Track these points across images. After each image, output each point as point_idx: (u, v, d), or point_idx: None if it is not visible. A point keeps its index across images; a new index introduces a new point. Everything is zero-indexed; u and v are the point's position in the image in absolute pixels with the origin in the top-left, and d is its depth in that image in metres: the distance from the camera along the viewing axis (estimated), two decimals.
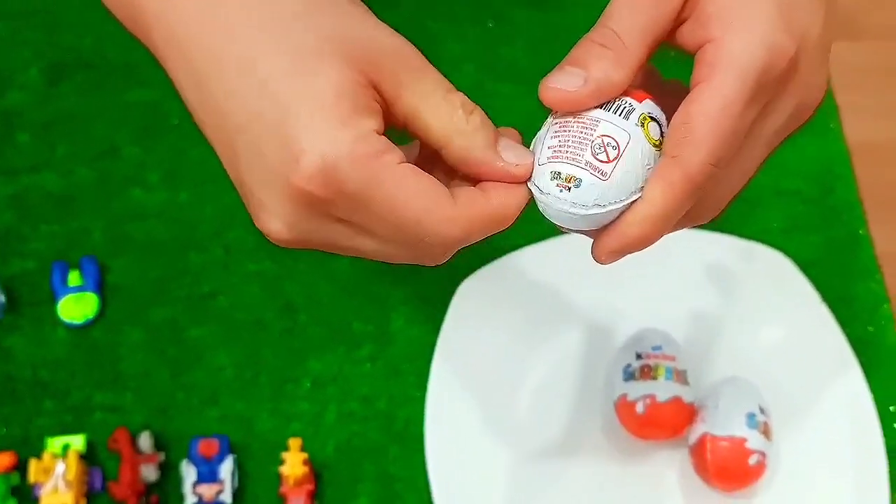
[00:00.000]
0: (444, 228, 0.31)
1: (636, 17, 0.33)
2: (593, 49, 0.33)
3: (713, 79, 0.32)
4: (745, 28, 0.32)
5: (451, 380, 0.56)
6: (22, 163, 0.63)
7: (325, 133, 0.30)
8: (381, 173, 0.30)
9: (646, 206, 0.33)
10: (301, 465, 0.53)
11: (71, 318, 0.58)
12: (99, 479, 0.54)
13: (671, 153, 0.33)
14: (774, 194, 0.63)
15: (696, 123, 0.32)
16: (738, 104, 0.32)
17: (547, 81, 0.33)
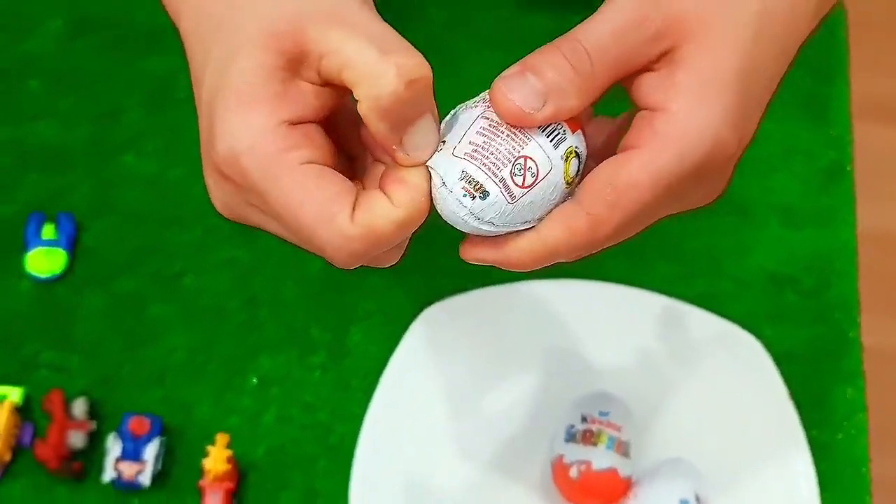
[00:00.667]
0: (339, 244, 0.30)
1: (615, 45, 0.31)
2: (562, 67, 0.31)
3: (653, 151, 0.31)
4: (703, 114, 0.31)
5: (393, 406, 0.55)
6: (27, 110, 0.63)
7: (234, 123, 0.30)
8: (278, 170, 0.30)
9: (538, 243, 0.32)
10: (224, 461, 0.52)
11: (37, 271, 0.58)
12: (29, 434, 0.54)
13: (587, 208, 0.31)
14: (768, 278, 0.61)
15: (622, 191, 0.31)
16: (667, 185, 0.31)
17: (504, 87, 0.30)
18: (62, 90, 0.64)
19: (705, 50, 0.31)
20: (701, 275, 0.61)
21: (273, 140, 0.30)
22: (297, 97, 0.31)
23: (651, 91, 0.32)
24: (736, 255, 0.62)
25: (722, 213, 0.63)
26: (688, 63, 0.31)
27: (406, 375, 0.55)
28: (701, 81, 0.31)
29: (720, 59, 0.31)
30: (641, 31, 0.31)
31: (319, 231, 0.30)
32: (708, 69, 0.31)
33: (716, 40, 0.31)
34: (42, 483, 0.54)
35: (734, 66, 0.31)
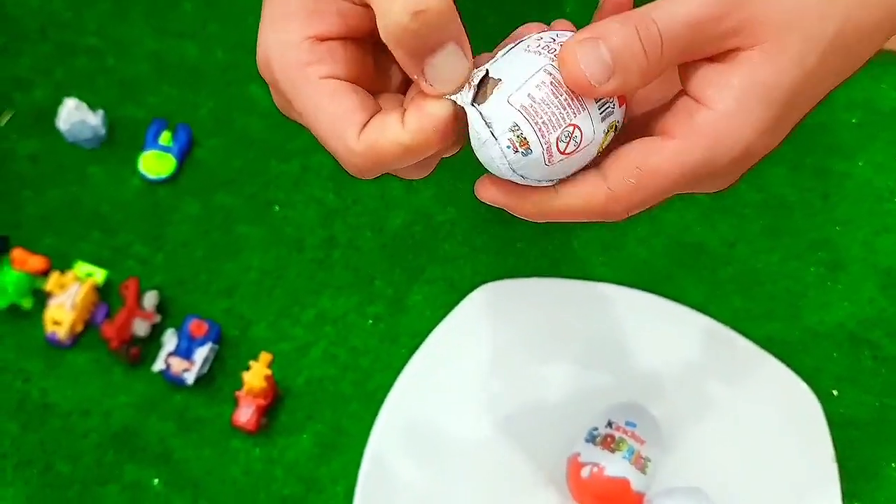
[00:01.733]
0: (345, 157, 0.31)
1: (689, 36, 0.30)
2: (634, 47, 0.30)
3: (686, 144, 0.31)
4: (744, 123, 0.31)
5: (430, 369, 0.56)
6: (176, 28, 0.68)
7: (267, 34, 0.32)
8: (300, 82, 0.31)
9: (554, 202, 0.32)
10: (262, 378, 0.55)
11: (148, 171, 0.63)
12: (102, 314, 0.59)
13: (610, 183, 0.32)
14: (847, 337, 0.58)
15: (647, 176, 0.31)
16: (690, 177, 0.31)
17: (577, 51, 0.30)
18: (211, 16, 0.69)
19: (770, 60, 0.31)
20: (776, 318, 0.59)
21: (297, 54, 0.31)
22: (328, 15, 0.32)
23: (703, 83, 0.31)
24: (818, 307, 0.59)
25: (815, 262, 0.60)
26: (749, 69, 0.31)
27: (450, 343, 0.56)
28: (754, 91, 0.31)
29: (780, 73, 0.31)
30: (718, 27, 0.30)
31: (330, 142, 0.31)
32: (764, 81, 0.31)
33: (783, 53, 0.31)
34: (103, 359, 0.58)
35: (791, 83, 0.31)
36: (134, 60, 0.67)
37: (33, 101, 0.66)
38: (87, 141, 0.64)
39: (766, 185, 0.62)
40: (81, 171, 0.64)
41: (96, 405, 0.57)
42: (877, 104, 0.64)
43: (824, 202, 0.62)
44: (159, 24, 0.68)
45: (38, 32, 0.68)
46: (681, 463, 0.53)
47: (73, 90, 0.65)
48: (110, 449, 0.56)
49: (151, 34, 0.68)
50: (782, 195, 0.62)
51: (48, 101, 0.65)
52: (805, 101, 0.32)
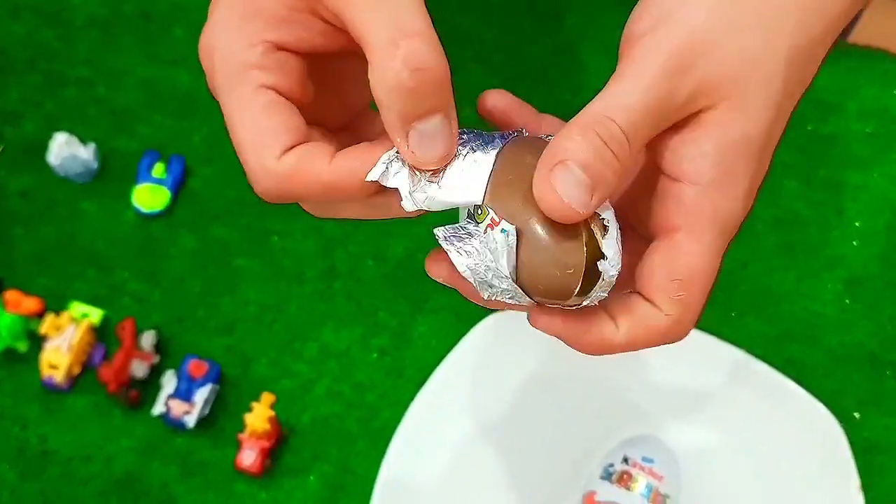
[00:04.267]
0: (257, 174, 0.30)
1: (647, 122, 0.29)
2: (604, 154, 0.28)
3: (700, 233, 0.30)
4: (735, 186, 0.30)
5: (438, 404, 0.54)
6: (167, 54, 0.67)
7: (224, 19, 0.30)
8: (237, 83, 0.29)
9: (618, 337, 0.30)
10: (265, 420, 0.53)
11: (141, 204, 0.61)
12: (100, 355, 0.57)
13: (665, 309, 0.30)
14: (868, 358, 0.56)
15: (688, 282, 0.30)
16: (720, 254, 0.30)
17: (552, 179, 0.28)
18: None
19: (736, 113, 0.29)
20: (794, 340, 0.57)
21: (246, 53, 0.29)
22: (296, 25, 0.30)
23: (676, 158, 0.30)
24: (837, 327, 0.57)
25: (832, 280, 0.58)
26: (715, 130, 0.29)
27: (458, 377, 0.55)
28: (727, 150, 0.29)
29: (749, 122, 0.29)
30: (674, 100, 0.29)
31: (246, 154, 0.30)
32: (735, 138, 0.29)
33: (747, 101, 0.29)
34: (101, 403, 0.57)
35: (762, 126, 0.30)
36: (125, 90, 0.65)
37: (24, 134, 0.64)
38: (78, 175, 0.62)
39: (779, 200, 0.60)
40: (74, 207, 0.62)
41: (97, 450, 0.56)
42: (892, 112, 0.62)
43: (839, 217, 0.60)
44: (151, 51, 0.67)
45: (27, 63, 0.66)
46: (700, 498, 0.51)
47: (63, 122, 0.64)
48: (112, 496, 0.55)
49: (143, 62, 0.66)
50: (795, 210, 0.60)
51: (38, 134, 0.63)
52: (781, 126, 0.31)
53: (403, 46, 0.28)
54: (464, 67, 0.63)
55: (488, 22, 0.65)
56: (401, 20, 0.28)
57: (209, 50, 0.30)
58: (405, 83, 0.28)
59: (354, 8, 0.28)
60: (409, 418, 0.54)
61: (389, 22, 0.28)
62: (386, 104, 0.28)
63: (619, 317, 0.30)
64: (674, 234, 0.30)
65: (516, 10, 0.66)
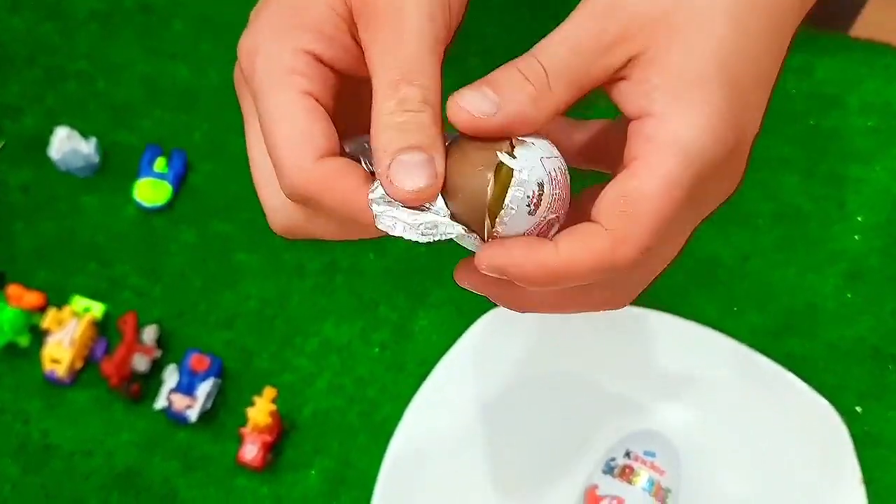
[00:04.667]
0: (289, 171, 0.30)
1: (571, 59, 0.30)
2: (515, 78, 0.30)
3: (654, 157, 0.30)
4: (691, 112, 0.30)
5: (440, 399, 0.54)
6: (168, 48, 0.67)
7: (269, 26, 0.31)
8: (279, 87, 0.30)
9: (553, 257, 0.30)
10: (266, 414, 0.53)
11: (143, 199, 0.61)
12: (102, 349, 0.57)
13: (605, 223, 0.30)
14: (871, 352, 0.56)
15: (637, 203, 0.30)
16: (679, 189, 0.30)
17: (458, 98, 0.30)
18: (203, 34, 0.67)
19: (675, 47, 0.30)
20: (795, 334, 0.57)
21: (290, 59, 0.31)
22: (337, 44, 0.31)
23: (631, 99, 0.30)
24: (839, 321, 0.57)
25: (833, 274, 0.58)
26: (659, 63, 0.30)
27: (458, 372, 0.55)
28: (678, 78, 0.30)
29: (694, 53, 0.30)
30: (598, 42, 0.30)
31: (283, 151, 0.30)
32: (682, 65, 0.30)
33: (685, 36, 0.30)
34: (103, 397, 0.57)
35: (712, 57, 0.30)
36: (125, 84, 0.65)
37: (24, 129, 0.64)
38: (79, 170, 0.62)
39: (779, 194, 0.60)
40: (75, 201, 0.62)
41: (98, 445, 0.56)
42: (894, 107, 0.61)
43: (840, 211, 0.60)
44: (151, 44, 0.66)
45: (26, 58, 0.66)
46: (702, 491, 0.51)
47: (63, 117, 0.64)
48: (114, 490, 0.55)
49: (143, 56, 0.66)
50: (796, 205, 0.60)
51: (39, 129, 0.63)
52: (746, 71, 0.31)
53: (402, 91, 0.29)
54: (465, 61, 0.63)
55: (488, 16, 0.65)
56: (408, 67, 0.30)
57: (252, 52, 0.31)
58: (394, 120, 0.29)
59: (373, 46, 0.30)
60: (410, 412, 0.54)
61: (396, 66, 0.30)
62: (374, 136, 0.30)
63: (559, 239, 0.30)
64: (632, 163, 0.30)
65: (516, 5, 0.66)
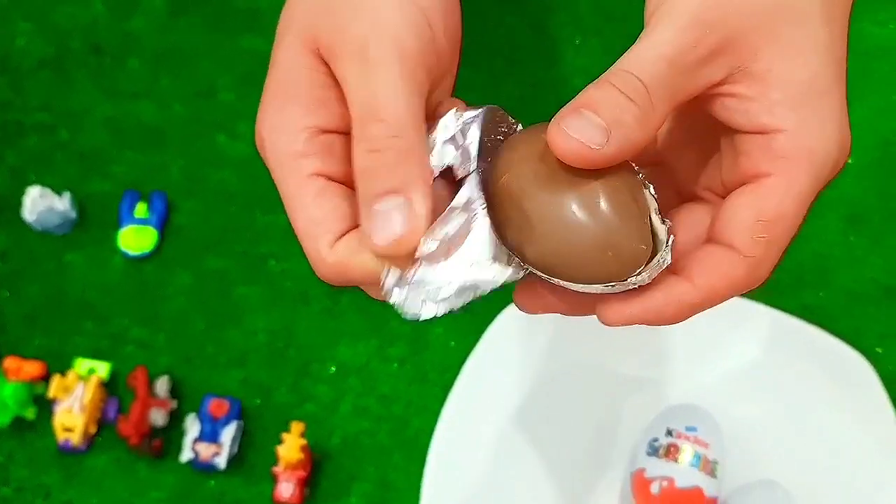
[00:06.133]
0: (315, 262, 0.30)
1: (670, 73, 0.28)
2: (619, 100, 0.28)
3: (790, 175, 0.29)
4: (820, 122, 0.29)
5: (470, 404, 0.53)
6: (127, 87, 0.64)
7: (269, 111, 0.31)
8: (288, 173, 0.30)
9: (695, 296, 0.29)
10: (298, 450, 0.52)
11: (128, 248, 0.59)
12: (114, 409, 0.55)
13: (744, 251, 0.29)
14: (883, 291, 0.57)
15: (774, 225, 0.29)
16: (810, 200, 0.30)
17: (563, 125, 0.28)
18: (161, 69, 0.64)
19: (786, 57, 0.29)
20: (807, 285, 0.57)
21: (293, 142, 0.30)
22: (332, 105, 0.30)
23: (749, 115, 0.29)
24: (848, 266, 0.57)
25: (833, 220, 0.58)
26: (774, 77, 0.29)
27: (485, 373, 0.54)
28: (801, 93, 0.29)
29: (808, 62, 0.29)
30: (696, 52, 0.29)
31: (304, 242, 0.30)
32: (799, 76, 0.29)
33: (793, 44, 0.29)
34: (123, 458, 0.55)
35: (821, 60, 0.29)
36: (89, 130, 0.63)
37: None
38: (57, 227, 0.59)
39: None
40: (58, 261, 0.60)
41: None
42: (863, 44, 0.62)
43: None
44: (109, 86, 0.64)
45: None
46: (746, 456, 0.51)
47: (30, 174, 0.61)
48: None
49: (102, 99, 0.64)
50: None
51: (7, 189, 0.61)
52: (842, 69, 0.30)
53: (369, 129, 0.29)
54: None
55: None
56: (374, 102, 0.29)
57: (261, 141, 0.31)
58: (363, 164, 0.29)
59: (347, 86, 0.29)
60: (442, 423, 0.53)
61: (365, 103, 0.29)
62: (355, 186, 0.29)
63: (691, 272, 0.29)
64: (763, 180, 0.29)
65: None
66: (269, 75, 0.31)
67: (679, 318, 0.30)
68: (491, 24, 0.64)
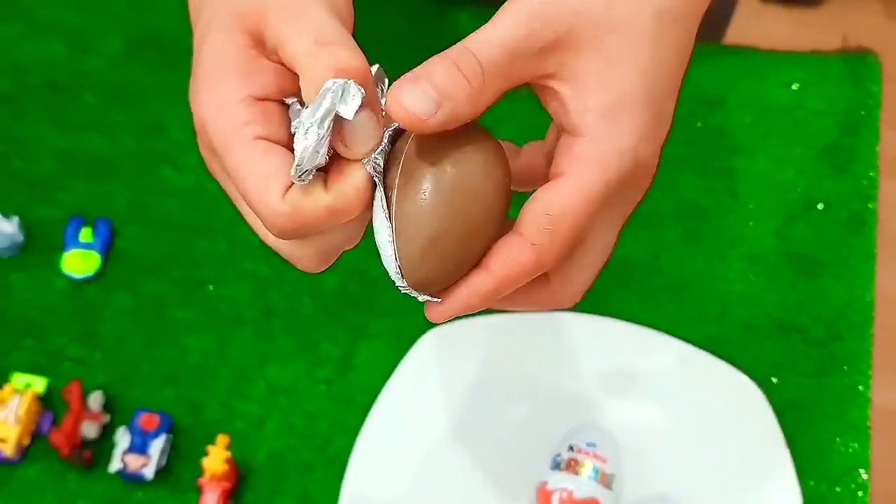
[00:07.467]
0: (269, 217, 0.31)
1: (507, 59, 0.32)
2: (455, 76, 0.31)
3: (580, 177, 0.33)
4: (619, 133, 0.32)
5: (388, 424, 0.56)
6: (79, 121, 0.68)
7: (203, 95, 0.33)
8: (234, 142, 0.32)
9: (491, 282, 0.33)
10: (222, 461, 0.54)
11: (72, 270, 0.62)
12: (48, 423, 0.57)
13: (530, 239, 0.33)
14: (777, 326, 0.61)
15: (559, 219, 0.33)
16: (597, 204, 0.33)
17: (400, 95, 0.31)
18: (113, 105, 0.68)
19: (606, 64, 0.32)
20: (708, 319, 0.61)
21: (233, 114, 0.32)
22: (263, 74, 0.33)
23: (565, 113, 0.33)
24: (746, 301, 0.62)
25: (736, 259, 0.63)
26: (593, 82, 0.32)
27: (404, 395, 0.57)
28: (609, 101, 0.32)
29: (625, 77, 0.32)
30: (530, 44, 0.32)
31: (256, 202, 0.32)
32: (613, 89, 0.32)
33: (614, 52, 0.32)
34: (55, 468, 0.57)
35: (638, 80, 0.32)
36: (40, 160, 0.66)
37: None
38: (4, 250, 0.62)
39: (678, 192, 0.65)
40: (3, 281, 0.62)
41: None
42: (767, 102, 0.67)
43: (734, 200, 0.65)
44: (62, 118, 0.68)
45: None
46: (642, 472, 0.54)
47: None
48: None
49: (55, 131, 0.67)
50: (695, 200, 0.65)
51: None
52: (663, 87, 0.33)
53: (325, 53, 0.31)
54: None
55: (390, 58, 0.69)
56: (319, 33, 0.31)
57: (201, 123, 0.33)
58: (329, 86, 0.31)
59: (280, 35, 0.32)
60: (361, 441, 0.56)
61: (309, 36, 0.31)
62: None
63: (490, 261, 0.33)
64: (559, 178, 0.33)
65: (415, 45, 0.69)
66: (198, 65, 0.33)
67: (485, 305, 0.33)
68: None
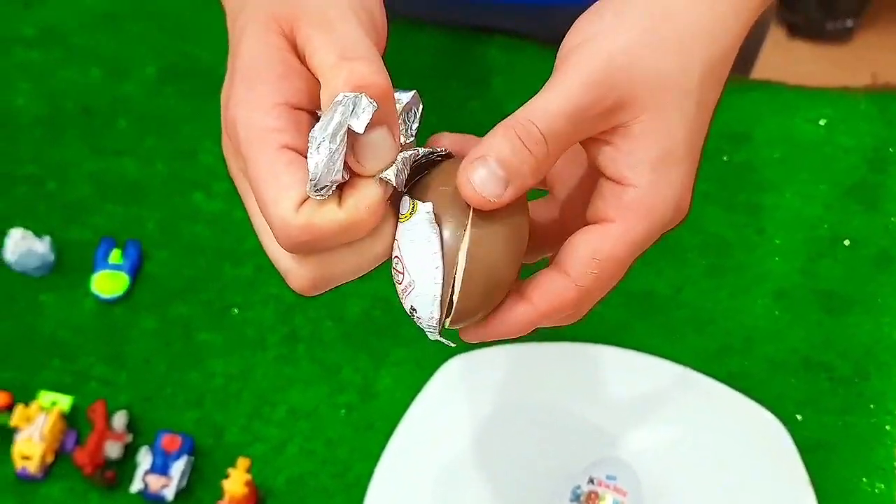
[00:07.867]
0: (280, 228, 0.32)
1: (569, 127, 0.33)
2: (521, 152, 0.32)
3: (629, 224, 0.34)
4: (667, 185, 0.34)
5: (408, 451, 0.56)
6: (113, 145, 0.69)
7: (240, 94, 0.33)
8: (261, 145, 0.32)
9: (532, 313, 0.34)
10: (242, 484, 0.55)
11: (101, 291, 0.63)
12: (72, 441, 0.58)
13: (576, 280, 0.34)
14: (802, 363, 0.60)
15: (605, 264, 0.34)
16: (640, 250, 0.35)
17: (471, 177, 0.32)
18: (146, 130, 0.70)
19: (659, 124, 0.34)
20: (733, 353, 0.61)
21: (264, 118, 0.32)
22: (296, 81, 0.33)
23: (616, 165, 0.34)
24: (771, 337, 0.61)
25: (761, 295, 0.62)
26: (645, 140, 0.34)
27: (424, 423, 0.57)
28: (661, 158, 0.34)
29: (674, 134, 0.34)
30: (594, 110, 0.33)
31: (270, 209, 0.32)
32: (664, 145, 0.34)
33: (667, 113, 0.34)
34: (78, 487, 0.57)
35: (685, 133, 0.34)
36: (74, 183, 0.68)
37: None
38: (35, 269, 0.63)
39: (704, 226, 0.65)
40: (33, 300, 0.63)
41: None
42: (795, 138, 0.67)
43: (760, 236, 0.64)
44: (96, 143, 0.69)
45: None
46: None
47: (16, 220, 0.66)
48: None
49: (89, 155, 0.69)
50: (720, 234, 0.65)
51: None
52: (701, 138, 0.35)
53: (346, 67, 0.32)
54: None
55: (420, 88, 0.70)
56: (346, 47, 0.32)
57: (232, 123, 0.33)
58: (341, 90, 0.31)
59: (310, 44, 0.33)
60: (381, 468, 0.56)
61: (336, 48, 0.32)
62: None
63: (532, 294, 0.34)
64: (608, 224, 0.34)
65: (445, 75, 0.70)
66: (234, 65, 0.34)
67: (522, 332, 0.34)
68: (455, 107, 0.70)
